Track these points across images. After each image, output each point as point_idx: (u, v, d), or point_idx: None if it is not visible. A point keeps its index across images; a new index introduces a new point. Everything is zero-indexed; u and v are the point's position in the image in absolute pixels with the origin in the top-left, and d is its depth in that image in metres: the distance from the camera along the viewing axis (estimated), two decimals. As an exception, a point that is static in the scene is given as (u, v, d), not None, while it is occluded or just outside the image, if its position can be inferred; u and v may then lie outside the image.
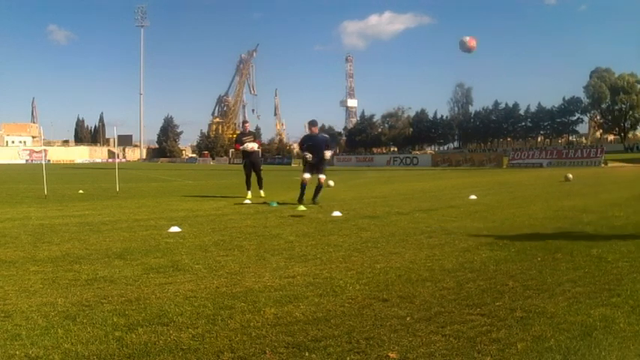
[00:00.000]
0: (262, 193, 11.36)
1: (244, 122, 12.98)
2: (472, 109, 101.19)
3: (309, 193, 9.45)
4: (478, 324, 2.77)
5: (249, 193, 11.27)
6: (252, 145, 11.54)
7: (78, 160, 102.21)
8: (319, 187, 9.63)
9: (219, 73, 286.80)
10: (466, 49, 9.67)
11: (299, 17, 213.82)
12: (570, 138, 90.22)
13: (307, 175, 9.52)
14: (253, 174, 11.45)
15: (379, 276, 3.88)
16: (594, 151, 32.38)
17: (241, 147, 11.47)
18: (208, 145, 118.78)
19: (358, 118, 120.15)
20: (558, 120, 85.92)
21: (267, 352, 2.45)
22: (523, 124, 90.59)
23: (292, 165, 55.62)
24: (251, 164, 11.50)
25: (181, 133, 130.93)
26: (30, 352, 2.47)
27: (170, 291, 3.54)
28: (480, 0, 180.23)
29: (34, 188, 15.51)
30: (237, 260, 4.56)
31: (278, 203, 9.65)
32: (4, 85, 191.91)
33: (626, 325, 2.69)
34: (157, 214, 8.44)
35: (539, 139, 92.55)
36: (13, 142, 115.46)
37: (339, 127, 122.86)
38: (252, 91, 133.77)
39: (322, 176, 9.69)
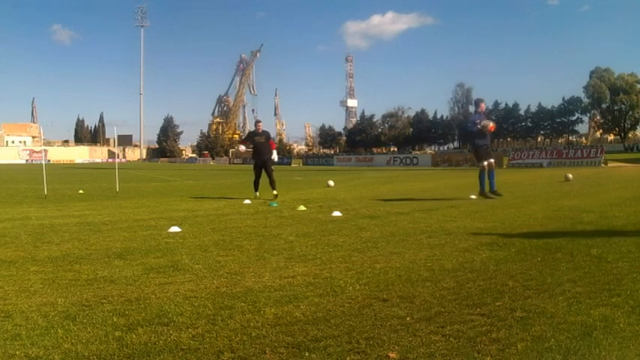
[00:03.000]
0: (275, 192, 11.05)
1: (257, 122, 12.37)
2: (472, 109, 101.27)
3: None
4: (478, 324, 2.77)
5: (257, 194, 11.05)
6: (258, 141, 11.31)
7: (78, 160, 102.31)
8: (493, 171, 9.81)
9: (220, 73, 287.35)
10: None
11: (301, 17, 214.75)
12: (570, 138, 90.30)
13: (486, 163, 9.72)
14: (263, 175, 11.17)
15: (379, 276, 3.87)
16: (594, 151, 32.34)
17: (250, 143, 11.32)
18: (208, 145, 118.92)
19: (358, 118, 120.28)
20: (558, 120, 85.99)
21: (267, 352, 2.45)
22: (523, 124, 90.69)
23: (292, 165, 55.61)
24: (261, 166, 11.23)
25: (181, 133, 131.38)
26: (30, 352, 2.46)
27: (170, 291, 3.53)
28: (483, 0, 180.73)
29: (34, 188, 15.52)
30: (237, 260, 4.56)
31: (278, 203, 9.66)
32: (5, 85, 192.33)
33: (626, 325, 2.69)
34: (157, 214, 8.44)
35: (539, 139, 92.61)
36: (13, 142, 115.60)
37: (339, 127, 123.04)
38: (253, 91, 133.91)
39: (492, 160, 9.96)
